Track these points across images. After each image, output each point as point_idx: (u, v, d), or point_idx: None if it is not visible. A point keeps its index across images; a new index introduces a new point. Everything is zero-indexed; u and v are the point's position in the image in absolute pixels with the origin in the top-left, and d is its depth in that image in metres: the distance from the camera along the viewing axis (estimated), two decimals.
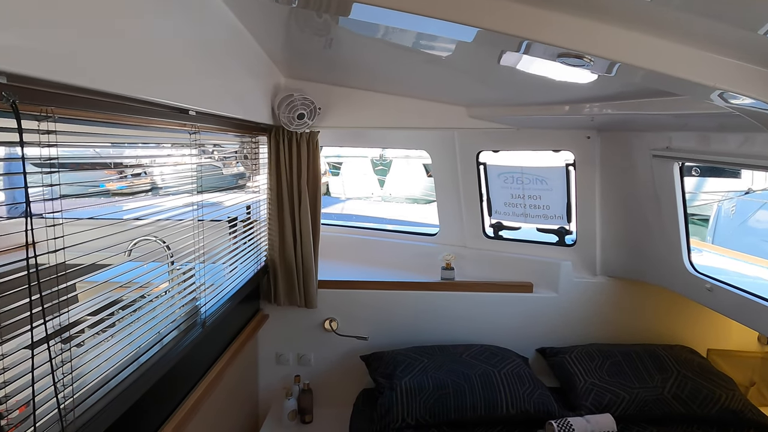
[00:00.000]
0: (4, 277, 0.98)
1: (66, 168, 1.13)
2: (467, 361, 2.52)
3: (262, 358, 2.95)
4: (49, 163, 1.07)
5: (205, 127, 1.93)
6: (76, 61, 0.98)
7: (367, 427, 2.32)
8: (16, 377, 1.01)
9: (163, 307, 1.72)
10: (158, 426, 1.70)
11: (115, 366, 1.41)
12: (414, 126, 2.74)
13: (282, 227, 2.71)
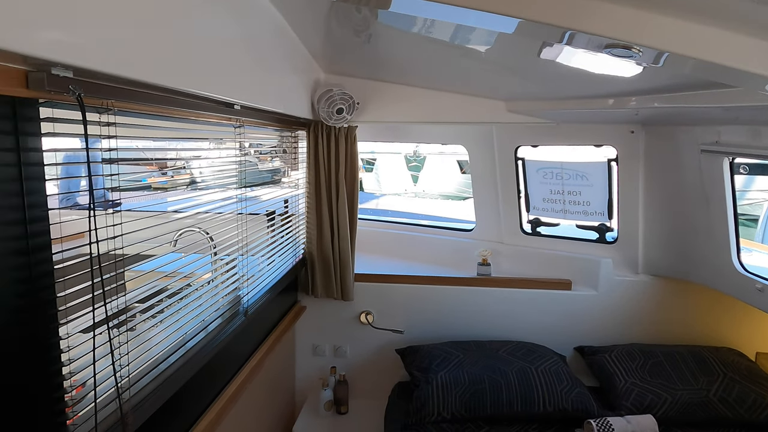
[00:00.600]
0: (67, 262, 1.04)
1: (119, 161, 1.18)
2: (503, 357, 2.50)
3: (299, 348, 3.01)
4: (109, 155, 1.13)
5: (249, 121, 1.98)
6: (134, 56, 1.03)
7: (402, 420, 2.34)
8: (78, 356, 1.08)
9: (208, 295, 1.78)
10: (203, 410, 1.77)
11: (165, 350, 1.47)
12: (452, 121, 2.73)
13: (320, 220, 2.75)
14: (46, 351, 1.00)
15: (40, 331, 0.99)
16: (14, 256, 0.92)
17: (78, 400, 1.08)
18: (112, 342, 1.11)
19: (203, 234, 2.44)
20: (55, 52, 0.83)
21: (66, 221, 1.03)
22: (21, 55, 0.81)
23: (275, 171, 2.75)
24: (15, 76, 0.88)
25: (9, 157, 0.91)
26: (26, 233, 0.95)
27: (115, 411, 1.18)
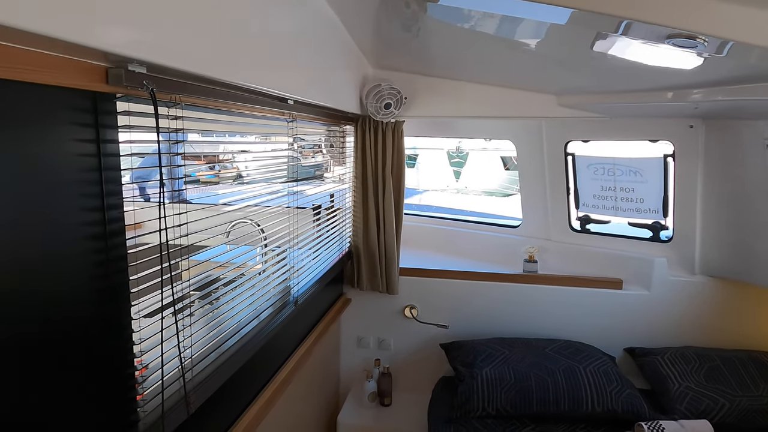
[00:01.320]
0: (138, 248, 1.11)
1: (187, 155, 1.24)
2: (550, 355, 2.47)
3: (344, 340, 3.06)
4: (176, 149, 1.19)
5: (301, 116, 2.03)
6: (201, 52, 1.08)
7: (446, 414, 2.35)
8: (147, 337, 1.14)
9: (261, 284, 1.84)
10: (256, 394, 1.83)
11: (222, 336, 1.54)
12: (500, 115, 2.70)
13: (366, 214, 2.79)
14: (120, 330, 1.07)
15: (115, 311, 1.06)
16: (93, 241, 0.99)
17: (146, 378, 1.14)
18: (177, 324, 1.17)
19: (254, 226, 2.52)
20: (133, 49, 0.88)
21: (137, 209, 1.10)
22: (102, 53, 0.87)
23: (317, 166, 2.81)
24: (96, 72, 0.94)
25: (90, 148, 0.97)
26: (104, 219, 1.01)
27: (178, 390, 1.24)
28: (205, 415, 1.47)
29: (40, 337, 0.88)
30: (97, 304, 1.01)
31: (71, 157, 0.93)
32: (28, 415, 0.86)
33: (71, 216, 0.93)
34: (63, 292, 0.92)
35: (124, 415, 1.10)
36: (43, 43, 0.79)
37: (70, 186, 0.93)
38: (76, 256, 0.95)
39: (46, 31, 0.70)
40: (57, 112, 0.89)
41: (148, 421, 1.14)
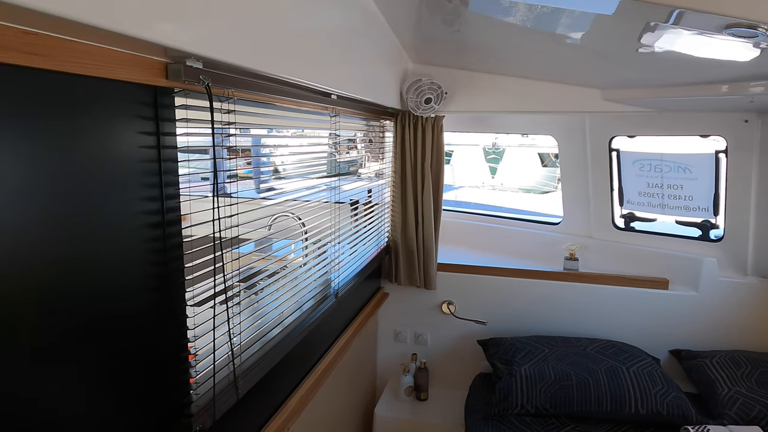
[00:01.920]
0: (192, 237, 1.16)
1: (239, 147, 1.28)
2: (592, 355, 2.42)
3: (381, 334, 3.08)
4: (228, 143, 1.22)
5: (343, 111, 2.05)
6: (253, 47, 1.11)
7: (483, 410, 2.34)
8: (200, 322, 1.19)
9: (303, 276, 1.88)
10: (297, 384, 1.87)
11: (267, 325, 1.58)
12: (542, 110, 2.65)
13: (405, 209, 2.80)
14: (176, 316, 1.12)
15: (171, 297, 1.10)
16: (153, 229, 1.03)
17: (198, 362, 1.19)
18: (228, 311, 1.21)
19: (296, 219, 2.57)
20: (192, 45, 0.91)
21: (192, 200, 1.14)
22: (163, 49, 0.91)
23: (351, 162, 2.82)
24: (157, 68, 0.99)
25: (150, 140, 1.02)
26: (162, 209, 1.06)
27: (227, 376, 1.29)
28: (252, 401, 1.52)
29: (106, 317, 0.92)
30: (156, 289, 1.05)
31: (135, 148, 0.97)
32: (92, 394, 0.91)
33: (134, 204, 0.98)
34: (126, 275, 0.97)
35: (178, 397, 1.14)
36: (112, 40, 0.83)
37: (134, 176, 0.97)
38: (138, 243, 0.99)
39: (116, 28, 0.73)
40: (124, 105, 0.94)
41: (201, 403, 1.19)
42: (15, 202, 0.74)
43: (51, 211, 0.80)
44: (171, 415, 1.12)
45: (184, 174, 1.12)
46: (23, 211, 0.75)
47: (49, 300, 0.80)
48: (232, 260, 1.29)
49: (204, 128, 1.14)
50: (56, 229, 0.81)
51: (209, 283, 1.19)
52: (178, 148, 1.10)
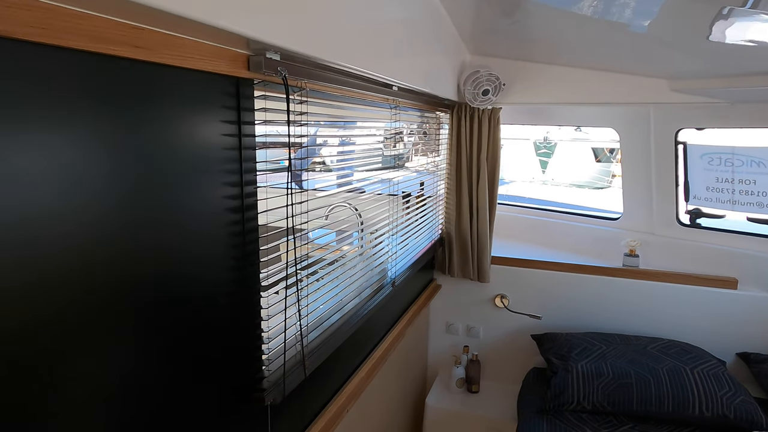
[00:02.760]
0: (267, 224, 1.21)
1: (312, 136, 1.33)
2: (653, 354, 2.35)
3: (433, 325, 3.10)
4: (303, 133, 1.27)
5: (403, 102, 2.08)
6: (325, 39, 1.15)
7: (536, 404, 2.32)
8: (273, 303, 1.25)
9: (362, 265, 1.92)
10: (354, 369, 1.93)
11: (329, 310, 1.63)
12: (604, 101, 2.58)
13: (459, 202, 2.80)
14: (251, 295, 1.18)
15: (246, 279, 1.17)
16: (233, 213, 1.10)
17: (271, 340, 1.25)
18: (299, 293, 1.27)
19: (353, 210, 2.62)
20: (273, 36, 0.96)
21: (267, 186, 1.20)
22: (246, 41, 0.96)
23: (398, 156, 2.82)
24: (241, 59, 1.04)
25: (232, 129, 1.08)
26: (241, 194, 1.12)
27: (294, 355, 1.35)
28: (316, 381, 1.58)
29: (190, 294, 0.99)
30: (234, 270, 1.12)
31: (219, 136, 1.03)
32: (177, 367, 0.98)
33: (217, 190, 1.04)
34: (209, 257, 1.03)
35: (252, 372, 1.21)
36: (204, 34, 0.89)
37: (217, 162, 1.03)
38: (219, 226, 1.06)
39: (210, 20, 0.79)
40: (211, 95, 1.00)
41: (272, 379, 1.26)
42: (118, 181, 0.81)
43: (147, 191, 0.87)
44: (246, 389, 1.19)
45: (261, 161, 1.18)
46: (128, 188, 0.82)
47: (139, 276, 0.87)
48: (301, 246, 1.35)
49: (279, 119, 1.19)
50: (148, 209, 0.88)
51: (281, 267, 1.25)
52: (256, 137, 1.15)
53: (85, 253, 0.76)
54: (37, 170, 0.68)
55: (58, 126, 0.70)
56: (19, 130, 0.65)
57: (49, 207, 0.70)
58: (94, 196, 0.77)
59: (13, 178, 0.65)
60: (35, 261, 0.68)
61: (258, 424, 1.26)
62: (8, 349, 0.66)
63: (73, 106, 0.72)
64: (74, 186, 0.73)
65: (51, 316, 0.71)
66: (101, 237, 0.78)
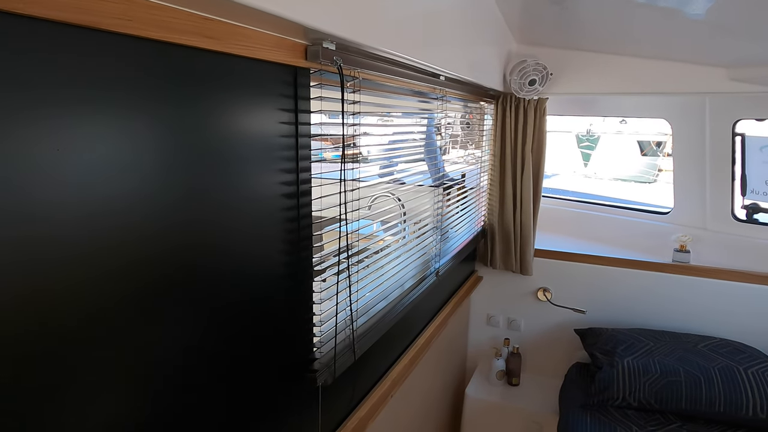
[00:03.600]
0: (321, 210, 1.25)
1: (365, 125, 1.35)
2: (703, 352, 2.27)
3: (473, 316, 3.10)
4: (357, 122, 1.30)
5: (450, 92, 2.07)
6: (378, 29, 1.17)
7: (579, 399, 2.29)
8: (326, 287, 1.29)
9: (407, 254, 1.94)
10: (398, 356, 1.95)
11: (376, 296, 1.66)
12: (657, 91, 2.49)
13: (503, 193, 2.77)
14: (304, 279, 1.22)
15: (300, 263, 1.20)
16: (288, 198, 1.13)
17: (323, 323, 1.29)
18: (350, 279, 1.30)
19: (396, 200, 2.64)
20: (331, 26, 0.98)
21: (321, 175, 1.23)
22: (303, 31, 0.99)
23: (427, 150, 2.79)
24: (299, 49, 1.07)
25: (289, 117, 1.11)
26: (297, 180, 1.15)
27: (345, 339, 1.38)
28: (363, 364, 1.61)
29: (247, 278, 1.04)
30: (289, 254, 1.16)
31: (276, 124, 1.07)
32: (236, 346, 1.03)
33: (275, 176, 1.07)
34: (266, 241, 1.07)
35: (304, 354, 1.25)
36: (267, 24, 0.92)
37: (275, 149, 1.07)
38: (276, 211, 1.09)
39: (275, 10, 0.81)
40: (272, 84, 1.03)
41: (323, 361, 1.29)
42: (185, 164, 0.85)
43: (211, 175, 0.91)
44: (298, 370, 1.23)
45: (316, 149, 1.21)
46: (194, 172, 0.87)
47: (201, 257, 0.92)
48: (350, 234, 1.38)
49: (334, 108, 1.22)
50: (210, 194, 0.92)
51: (332, 253, 1.28)
52: (312, 125, 1.18)
53: (153, 237, 0.80)
54: (123, 155, 0.72)
55: (142, 112, 0.75)
56: (106, 117, 0.70)
57: (129, 190, 0.75)
58: (165, 178, 0.81)
59: (97, 162, 0.69)
60: (105, 245, 0.73)
61: (309, 404, 1.31)
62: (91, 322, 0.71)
63: (152, 94, 0.77)
64: (151, 169, 0.78)
65: (124, 297, 0.76)
66: (170, 219, 0.83)
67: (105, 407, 0.74)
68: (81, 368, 0.70)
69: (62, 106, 0.63)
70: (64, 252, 0.66)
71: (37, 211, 0.62)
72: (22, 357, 0.62)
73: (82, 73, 0.66)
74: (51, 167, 0.63)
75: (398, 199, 2.60)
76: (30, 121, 0.60)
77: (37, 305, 0.63)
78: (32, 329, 0.63)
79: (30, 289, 0.62)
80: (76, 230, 0.67)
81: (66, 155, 0.64)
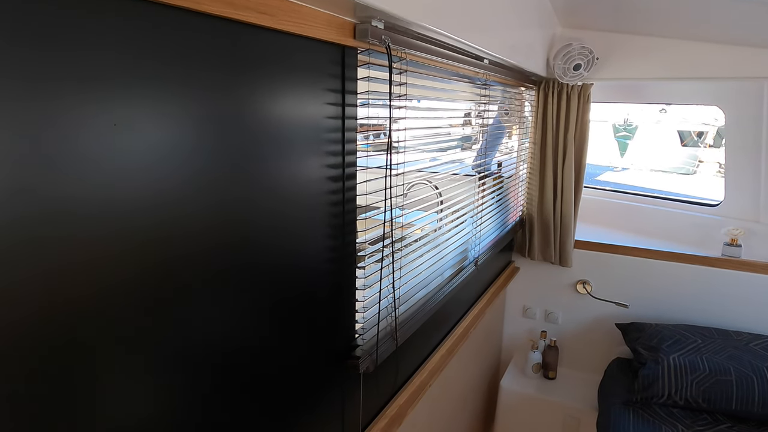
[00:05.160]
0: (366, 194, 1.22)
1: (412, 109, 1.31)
2: (756, 351, 2.17)
3: (509, 308, 3.04)
4: (404, 104, 1.26)
5: (493, 77, 2.01)
6: (428, 7, 1.12)
7: (621, 395, 2.22)
8: (369, 273, 1.27)
9: (446, 243, 1.90)
10: (436, 345, 1.93)
11: (416, 285, 1.63)
12: (712, 76, 2.36)
13: (543, 182, 2.69)
14: (347, 265, 1.20)
15: (344, 250, 1.18)
16: (333, 182, 1.11)
17: (367, 309, 1.27)
18: (393, 265, 1.27)
19: (433, 188, 2.59)
20: (380, 1, 0.94)
21: (367, 156, 1.20)
22: (353, 8, 0.95)
23: (467, 138, 2.71)
24: (347, 27, 1.04)
25: (336, 98, 1.08)
26: (342, 164, 1.13)
27: (386, 327, 1.36)
28: (404, 352, 1.59)
29: (292, 263, 1.02)
30: (333, 238, 1.13)
31: (323, 105, 1.04)
32: (282, 332, 1.02)
33: (321, 158, 1.05)
34: (311, 223, 1.05)
35: (346, 340, 1.24)
36: (315, 1, 0.89)
37: (322, 131, 1.04)
38: (320, 194, 1.07)
39: None
40: (320, 62, 1.01)
41: (365, 347, 1.28)
42: (233, 142, 0.83)
43: (256, 156, 0.89)
44: (341, 356, 1.22)
45: (363, 131, 1.18)
46: (240, 151, 0.85)
47: (242, 244, 0.90)
48: (392, 220, 1.35)
49: (380, 89, 1.19)
50: (259, 171, 0.90)
51: (376, 239, 1.26)
52: (358, 106, 1.15)
53: (195, 218, 0.77)
54: (176, 133, 0.71)
55: (198, 88, 0.73)
56: (162, 93, 0.68)
57: (180, 167, 0.73)
58: (216, 156, 0.79)
59: (153, 140, 0.68)
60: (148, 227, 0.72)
61: (351, 391, 1.29)
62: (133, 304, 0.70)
63: (208, 71, 0.75)
64: (203, 147, 0.76)
65: (168, 276, 0.75)
66: (218, 198, 0.81)
67: (144, 391, 0.74)
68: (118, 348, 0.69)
69: (120, 81, 0.62)
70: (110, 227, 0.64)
71: (87, 184, 0.61)
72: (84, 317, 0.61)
73: (136, 47, 0.64)
74: (107, 143, 0.62)
75: (435, 187, 2.56)
76: (88, 95, 0.59)
77: (88, 277, 0.62)
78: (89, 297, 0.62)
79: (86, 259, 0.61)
80: (124, 204, 0.65)
81: (122, 131, 0.63)
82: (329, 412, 1.20)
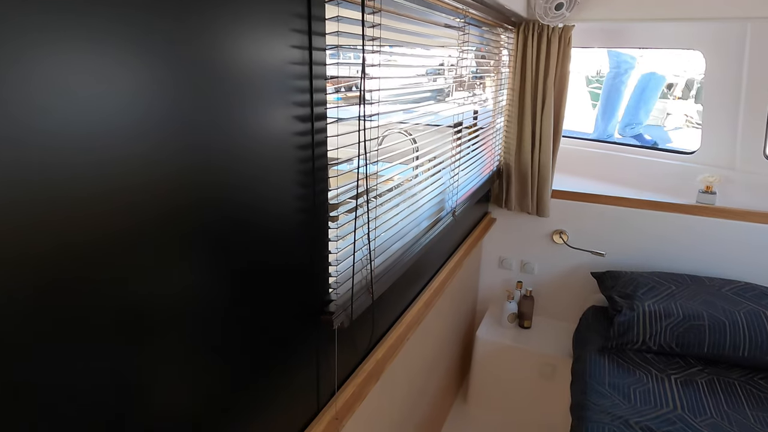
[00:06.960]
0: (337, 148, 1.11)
1: None
2: (728, 296, 2.20)
3: (485, 260, 3.02)
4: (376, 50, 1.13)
5: (473, 15, 1.87)
6: None
7: (596, 342, 2.23)
8: (343, 223, 1.17)
9: (422, 194, 1.82)
10: (413, 298, 1.88)
11: (391, 237, 1.55)
12: (694, 16, 2.27)
13: (521, 131, 2.61)
14: (319, 216, 1.10)
15: (315, 203, 1.08)
16: (302, 136, 0.99)
17: (340, 262, 1.19)
18: (368, 215, 1.18)
19: (406, 135, 2.48)
20: None
21: (337, 107, 1.09)
22: None
23: (439, 91, 2.58)
24: None
25: (302, 40, 0.95)
26: (311, 114, 1.01)
27: (361, 280, 1.28)
28: (380, 307, 1.53)
29: (262, 217, 0.92)
30: (303, 187, 1.03)
31: (288, 48, 0.91)
32: (252, 289, 0.92)
33: (287, 108, 0.93)
34: (278, 171, 0.94)
35: (320, 295, 1.16)
36: None
37: (288, 77, 0.92)
38: (288, 142, 0.96)
39: None
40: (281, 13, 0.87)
41: (339, 302, 1.20)
42: (187, 87, 0.71)
43: (214, 99, 0.77)
44: (315, 312, 1.14)
45: (332, 78, 1.05)
46: (207, 99, 0.73)
47: (207, 198, 0.79)
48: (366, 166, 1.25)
49: (351, 31, 1.06)
50: (214, 120, 0.78)
51: (356, 191, 1.16)
52: (327, 49, 1.02)
53: (152, 173, 0.67)
54: (120, 85, 0.58)
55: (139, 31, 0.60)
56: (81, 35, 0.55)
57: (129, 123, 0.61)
58: (170, 108, 0.67)
59: (94, 96, 0.55)
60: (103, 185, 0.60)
61: (326, 347, 1.23)
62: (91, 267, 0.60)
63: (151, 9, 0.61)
64: (154, 98, 0.64)
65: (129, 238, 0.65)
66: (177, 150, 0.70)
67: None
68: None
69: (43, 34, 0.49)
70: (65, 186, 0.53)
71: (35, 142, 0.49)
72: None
73: None
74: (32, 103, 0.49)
75: (409, 133, 2.44)
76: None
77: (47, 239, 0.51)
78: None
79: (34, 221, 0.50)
80: (72, 168, 0.54)
81: (52, 88, 0.51)
82: (303, 371, 1.14)
